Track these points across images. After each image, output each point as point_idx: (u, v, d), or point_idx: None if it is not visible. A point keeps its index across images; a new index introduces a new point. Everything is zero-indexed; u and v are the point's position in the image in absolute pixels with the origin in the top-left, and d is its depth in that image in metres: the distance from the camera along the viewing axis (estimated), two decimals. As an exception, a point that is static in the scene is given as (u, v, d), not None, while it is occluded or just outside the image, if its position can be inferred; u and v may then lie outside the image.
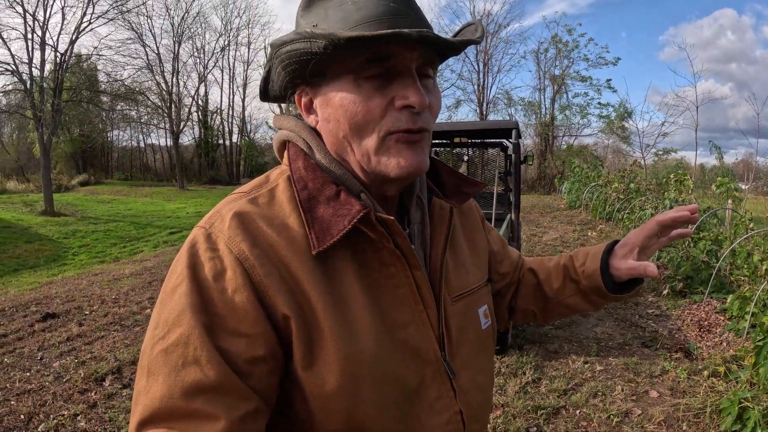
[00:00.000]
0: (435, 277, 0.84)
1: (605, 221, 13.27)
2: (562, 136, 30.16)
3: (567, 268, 1.07)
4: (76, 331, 5.55)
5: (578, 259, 1.05)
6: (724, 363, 4.19)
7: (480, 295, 0.95)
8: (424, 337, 0.79)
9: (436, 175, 0.93)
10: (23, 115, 20.64)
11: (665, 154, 23.93)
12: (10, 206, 17.28)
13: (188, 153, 36.62)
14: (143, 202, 21.28)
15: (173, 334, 0.65)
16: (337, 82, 0.73)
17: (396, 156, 0.74)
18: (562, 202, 19.21)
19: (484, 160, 7.26)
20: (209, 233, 0.72)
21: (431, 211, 0.87)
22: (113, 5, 20.12)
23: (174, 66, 31.11)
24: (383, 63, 0.71)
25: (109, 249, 11.71)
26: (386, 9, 0.71)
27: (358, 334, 0.71)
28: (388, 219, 0.73)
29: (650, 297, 6.44)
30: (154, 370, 0.64)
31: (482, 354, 0.92)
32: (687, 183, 8.42)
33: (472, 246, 1.00)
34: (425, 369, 0.78)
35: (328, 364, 0.69)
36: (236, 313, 0.66)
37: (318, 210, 0.73)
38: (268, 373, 0.68)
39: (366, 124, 0.72)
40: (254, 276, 0.68)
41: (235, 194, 0.79)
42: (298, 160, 0.79)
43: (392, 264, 0.77)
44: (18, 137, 35.19)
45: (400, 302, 0.77)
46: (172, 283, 0.69)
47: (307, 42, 0.68)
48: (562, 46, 28.84)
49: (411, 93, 0.71)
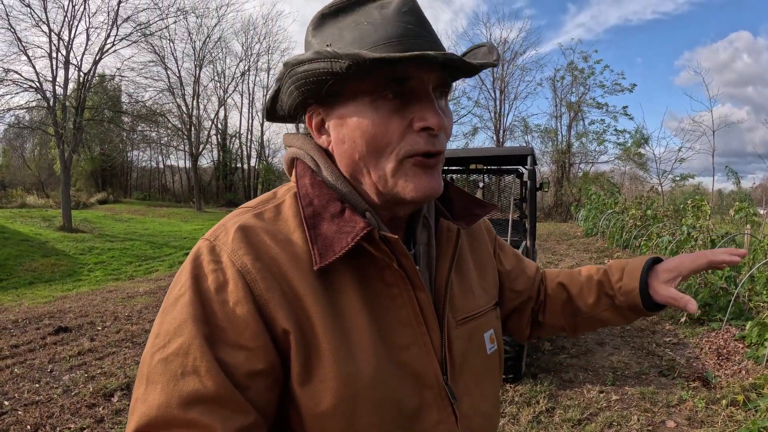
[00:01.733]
0: (439, 299, 0.82)
1: (622, 248, 13.13)
2: (579, 163, 30.13)
3: (602, 284, 1.05)
4: (87, 345, 5.57)
5: (613, 274, 1.03)
6: (743, 391, 4.08)
7: (487, 319, 0.93)
8: (425, 360, 0.77)
9: (445, 196, 0.92)
10: (45, 131, 21.11)
11: (682, 180, 23.70)
12: (29, 220, 17.55)
13: (207, 175, 37.19)
14: (160, 222, 21.52)
15: (174, 344, 0.65)
16: (354, 103, 0.73)
17: (413, 180, 0.73)
18: (578, 230, 19.07)
19: (500, 187, 7.25)
20: (213, 245, 0.72)
21: (438, 233, 0.87)
22: (137, 28, 20.65)
23: (195, 89, 31.83)
24: (402, 84, 0.71)
25: (124, 267, 11.81)
26: (404, 30, 0.71)
27: (357, 354, 0.70)
28: (392, 238, 0.73)
29: (667, 325, 6.31)
30: (153, 379, 0.64)
31: (487, 380, 0.90)
32: (705, 209, 8.30)
33: (481, 268, 0.98)
34: (425, 393, 0.77)
35: (325, 382, 0.68)
36: (237, 325, 0.66)
37: (322, 226, 0.73)
38: (266, 387, 0.68)
39: (385, 146, 0.72)
40: (256, 289, 0.68)
41: (242, 208, 0.80)
42: (305, 177, 0.79)
43: (395, 284, 0.76)
44: (40, 153, 36.08)
45: (401, 323, 0.76)
46: (175, 293, 0.70)
47: (329, 62, 0.67)
48: (578, 73, 28.99)
49: (430, 115, 0.71)
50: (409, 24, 0.71)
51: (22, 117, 23.56)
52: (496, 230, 1.11)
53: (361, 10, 0.73)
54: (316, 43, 0.75)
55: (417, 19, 0.73)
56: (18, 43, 17.33)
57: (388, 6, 0.72)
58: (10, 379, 4.61)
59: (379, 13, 0.72)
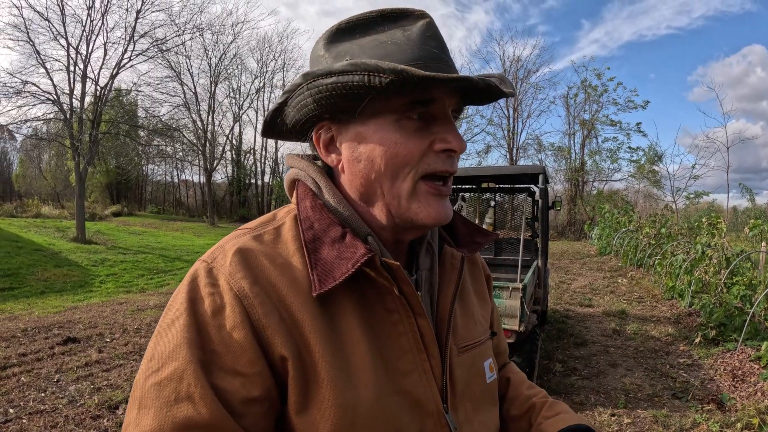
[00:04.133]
0: (441, 326, 0.81)
1: (636, 267, 13.01)
2: (592, 182, 30.02)
3: (534, 407, 0.98)
4: (95, 357, 5.57)
5: (549, 410, 0.96)
6: (759, 414, 3.99)
7: (486, 347, 0.92)
8: (425, 387, 0.76)
9: (449, 224, 0.91)
10: (62, 143, 21.49)
11: (697, 198, 23.42)
12: (43, 230, 17.75)
13: (220, 190, 37.54)
14: (173, 236, 21.70)
15: (167, 368, 0.63)
16: (376, 121, 0.72)
17: (426, 206, 0.74)
18: (592, 249, 18.92)
19: (512, 206, 7.22)
20: (210, 268, 0.70)
21: (442, 259, 0.86)
22: (153, 44, 21.03)
23: (210, 105, 32.29)
24: (426, 106, 0.71)
25: (136, 279, 11.89)
26: (428, 54, 0.71)
27: (357, 381, 0.69)
28: (393, 264, 0.71)
29: (681, 346, 6.19)
30: (146, 404, 0.63)
31: (487, 408, 0.89)
32: (720, 226, 8.19)
33: (480, 297, 0.98)
34: (425, 421, 0.75)
35: (323, 410, 0.67)
36: (233, 351, 0.65)
37: (322, 251, 0.71)
38: (262, 415, 0.66)
39: (404, 165, 0.72)
40: (253, 314, 0.66)
41: (241, 230, 0.78)
42: (306, 199, 0.78)
43: (396, 310, 0.74)
44: (56, 164, 36.71)
45: (402, 350, 0.75)
46: (171, 315, 0.68)
47: (365, 75, 0.65)
48: (591, 90, 28.99)
49: (452, 138, 0.72)
50: (433, 48, 0.72)
51: (40, 128, 24.03)
52: (508, 249, 1.11)
53: (381, 30, 0.74)
54: (330, 57, 0.74)
55: (439, 45, 0.74)
56: (36, 55, 17.69)
57: (411, 29, 0.73)
58: (17, 387, 4.62)
59: (402, 34, 0.72)
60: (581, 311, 8.41)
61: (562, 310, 8.47)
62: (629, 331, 6.98)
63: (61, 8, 17.94)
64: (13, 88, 17.15)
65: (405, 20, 0.74)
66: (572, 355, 5.98)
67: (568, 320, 7.67)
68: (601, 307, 8.70)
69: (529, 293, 4.73)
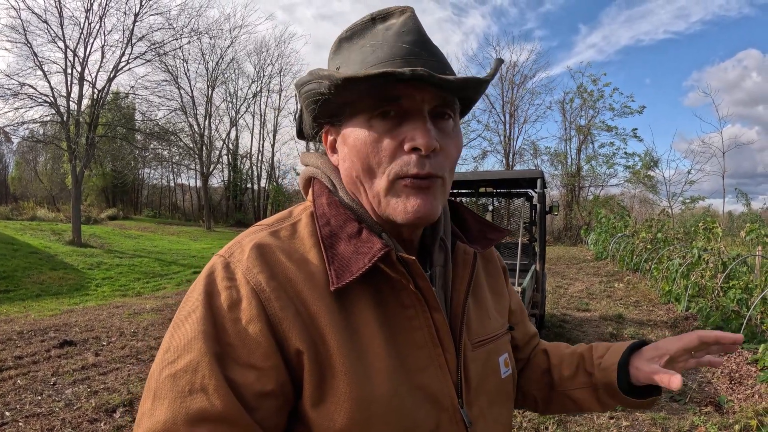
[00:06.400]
0: (456, 321, 0.81)
1: (632, 272, 13.03)
2: (589, 187, 30.11)
3: (583, 358, 0.98)
4: (91, 360, 5.55)
5: (598, 350, 0.97)
6: (756, 416, 4.01)
7: (501, 342, 0.91)
8: (441, 382, 0.76)
9: (461, 220, 0.93)
10: (58, 146, 21.41)
11: (692, 203, 23.53)
12: (39, 233, 17.67)
13: (217, 195, 37.49)
14: (169, 240, 21.62)
15: (183, 360, 0.64)
16: (353, 122, 0.74)
17: (403, 202, 0.72)
18: (588, 254, 18.95)
19: (509, 211, 7.24)
20: (228, 262, 0.71)
21: (455, 255, 0.86)
22: (151, 47, 21.01)
23: (207, 109, 32.25)
24: (396, 103, 0.71)
25: (132, 283, 11.84)
26: (400, 51, 0.72)
27: (373, 375, 0.69)
28: (409, 259, 0.72)
29: (678, 349, 6.20)
30: (161, 394, 0.63)
31: (501, 404, 0.88)
32: (716, 231, 8.22)
33: (495, 292, 0.98)
34: (441, 415, 0.75)
35: (338, 404, 0.67)
36: (248, 344, 0.65)
37: (339, 246, 0.72)
38: (276, 409, 0.66)
39: (377, 165, 0.72)
40: (269, 308, 0.67)
41: (258, 226, 0.79)
42: (322, 196, 0.79)
43: (412, 305, 0.75)
44: (52, 167, 36.59)
45: (418, 345, 0.75)
46: (187, 308, 0.69)
47: (317, 83, 0.72)
48: (588, 95, 29.12)
49: (419, 135, 0.70)
50: (406, 44, 0.72)
51: (36, 131, 24.05)
52: (505, 254, 1.10)
53: (370, 33, 0.76)
54: (333, 66, 0.77)
55: (416, 40, 0.73)
56: (34, 58, 17.69)
57: (392, 27, 0.74)
58: (13, 390, 4.60)
59: (382, 35, 0.74)
60: (578, 315, 8.42)
61: (560, 314, 8.47)
62: (626, 335, 6.99)
63: (59, 10, 17.96)
64: (10, 90, 17.14)
65: (390, 19, 0.76)
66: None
67: (566, 324, 7.68)
68: (598, 311, 8.71)
69: (527, 297, 4.74)
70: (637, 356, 0.89)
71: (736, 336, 0.82)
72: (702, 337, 0.83)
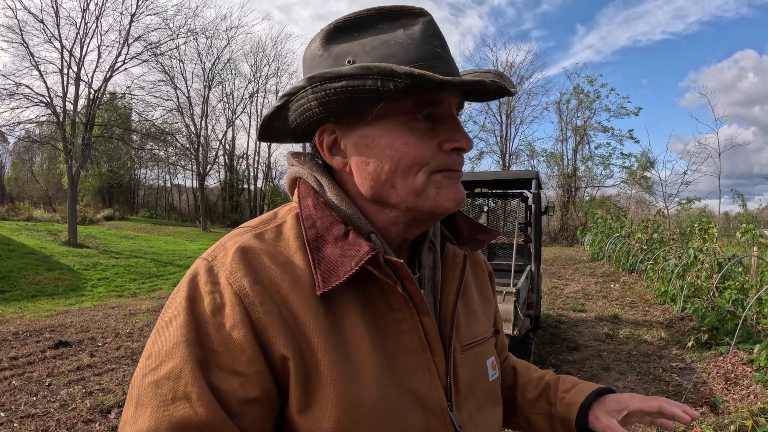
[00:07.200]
0: (445, 324, 0.80)
1: (628, 273, 13.06)
2: (585, 187, 30.13)
3: (549, 386, 1.01)
4: (87, 361, 5.54)
5: (565, 384, 1.00)
6: (752, 416, 4.00)
7: (488, 345, 0.91)
8: (430, 385, 0.75)
9: (451, 222, 0.92)
10: (54, 146, 21.38)
11: (688, 203, 23.55)
12: (35, 233, 17.61)
13: (213, 195, 37.40)
14: (166, 240, 21.56)
15: (165, 367, 0.63)
16: (384, 123, 0.71)
17: (446, 189, 0.73)
18: (584, 254, 18.98)
19: (505, 212, 7.25)
20: (211, 266, 0.70)
21: (444, 257, 0.85)
22: (147, 48, 21.00)
23: (203, 109, 32.17)
24: (434, 107, 0.71)
25: (128, 284, 11.83)
26: (431, 53, 0.70)
27: (361, 380, 0.68)
28: (397, 262, 0.70)
29: (674, 350, 6.22)
30: (143, 402, 0.62)
31: (490, 408, 0.88)
32: (711, 231, 8.24)
33: (482, 295, 0.97)
34: (430, 419, 0.74)
35: (325, 410, 0.66)
36: (232, 350, 0.64)
37: (325, 249, 0.70)
38: (261, 416, 0.65)
39: (415, 164, 0.71)
40: (254, 313, 0.65)
41: (242, 228, 0.77)
42: (308, 197, 0.77)
43: (400, 308, 0.74)
44: (48, 167, 36.43)
45: (406, 348, 0.74)
46: (170, 313, 0.67)
47: (378, 79, 0.63)
48: (584, 96, 29.16)
49: (460, 137, 0.72)
50: (436, 47, 0.71)
51: (32, 131, 23.93)
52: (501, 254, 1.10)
53: (381, 29, 0.71)
54: (329, 57, 0.72)
55: (442, 44, 0.72)
56: (30, 57, 17.67)
57: (412, 27, 0.71)
58: (8, 390, 4.59)
59: (404, 33, 0.70)
60: (574, 316, 8.43)
61: (555, 315, 8.49)
62: (622, 336, 7.01)
63: (56, 10, 17.95)
64: (6, 90, 17.14)
65: (405, 18, 0.72)
66: (565, 359, 5.99)
67: (561, 325, 7.69)
68: (594, 311, 8.73)
69: (522, 297, 4.75)
70: (600, 404, 0.92)
71: (693, 415, 0.86)
72: (662, 408, 0.86)
